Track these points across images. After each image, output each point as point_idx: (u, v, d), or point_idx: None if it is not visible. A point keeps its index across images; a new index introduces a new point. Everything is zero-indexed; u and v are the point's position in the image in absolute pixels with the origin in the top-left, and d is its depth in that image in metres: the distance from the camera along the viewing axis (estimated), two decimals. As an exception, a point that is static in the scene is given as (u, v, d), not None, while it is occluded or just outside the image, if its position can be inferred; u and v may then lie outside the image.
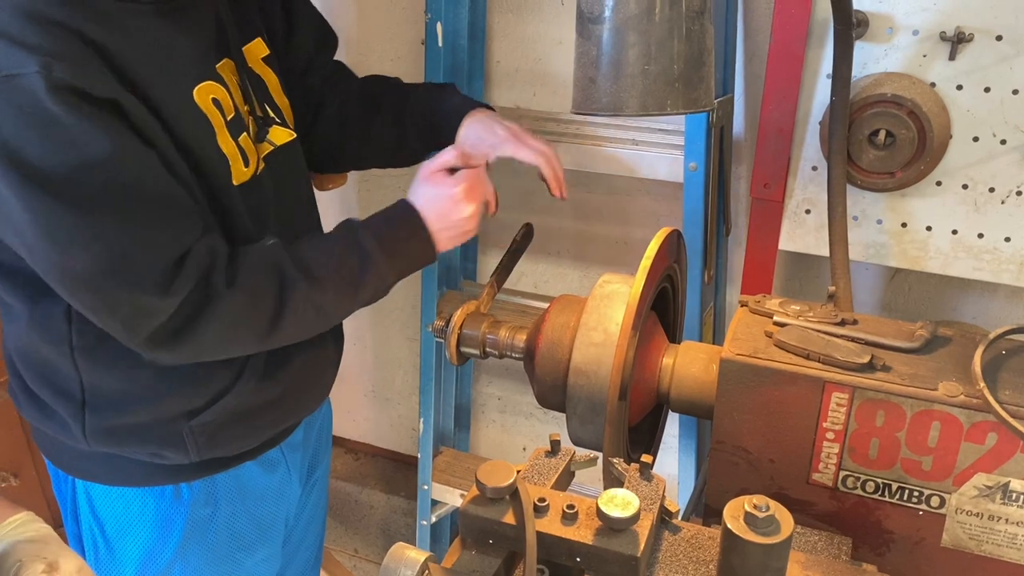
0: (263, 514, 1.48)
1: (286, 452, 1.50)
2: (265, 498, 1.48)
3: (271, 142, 1.31)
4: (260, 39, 1.34)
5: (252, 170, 1.25)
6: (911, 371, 1.05)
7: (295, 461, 1.53)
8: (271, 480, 1.48)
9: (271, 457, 1.47)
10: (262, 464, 1.45)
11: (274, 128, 1.32)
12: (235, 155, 1.22)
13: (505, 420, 2.47)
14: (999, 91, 1.42)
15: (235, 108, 1.24)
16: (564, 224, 2.12)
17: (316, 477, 1.67)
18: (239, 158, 1.23)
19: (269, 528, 1.51)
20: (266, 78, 1.34)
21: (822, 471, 1.09)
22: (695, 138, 1.64)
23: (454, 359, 1.37)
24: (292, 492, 1.55)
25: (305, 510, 1.67)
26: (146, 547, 1.36)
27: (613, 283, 1.23)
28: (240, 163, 1.23)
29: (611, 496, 0.88)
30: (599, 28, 0.91)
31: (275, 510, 1.51)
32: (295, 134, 1.37)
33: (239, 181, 1.23)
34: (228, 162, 1.21)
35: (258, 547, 1.49)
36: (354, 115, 1.51)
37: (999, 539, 1.05)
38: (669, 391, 1.22)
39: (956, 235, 1.53)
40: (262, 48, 1.34)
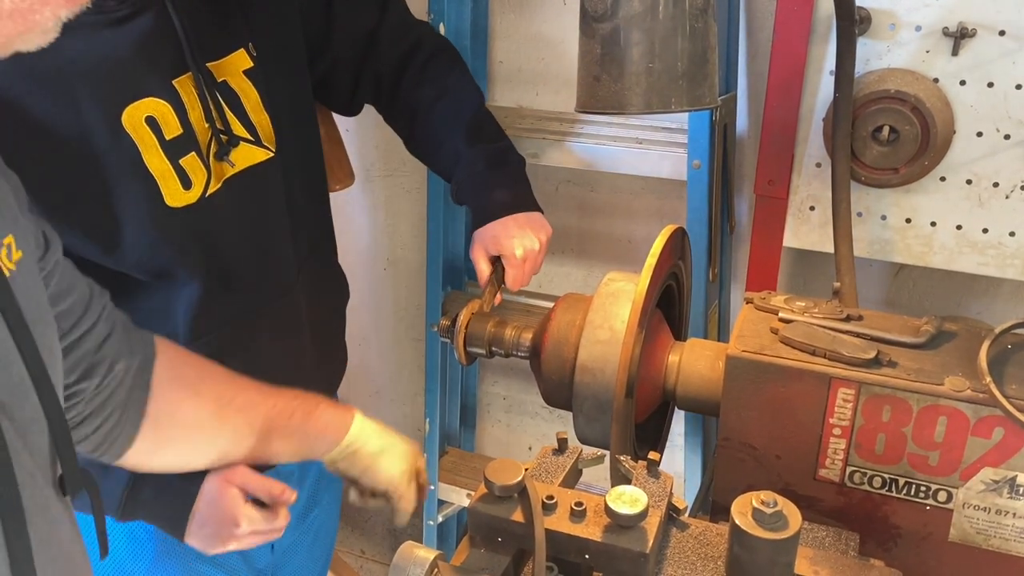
0: None
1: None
2: None
3: (230, 162, 1.23)
4: (243, 50, 1.26)
5: (198, 192, 1.20)
6: (917, 366, 1.05)
7: None
8: None
9: None
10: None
11: (243, 147, 1.25)
12: (167, 176, 1.16)
13: (511, 419, 2.47)
14: (1002, 86, 1.42)
15: (184, 127, 1.18)
16: (568, 223, 2.12)
17: (314, 516, 1.62)
18: (173, 179, 1.17)
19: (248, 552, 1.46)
20: (244, 93, 1.26)
21: (829, 467, 1.09)
22: (699, 136, 1.64)
23: (462, 359, 1.37)
24: None
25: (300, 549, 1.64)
26: (118, 564, 1.34)
27: (618, 281, 1.23)
28: (175, 184, 1.17)
29: (619, 493, 0.88)
30: (603, 26, 0.91)
31: None
32: (272, 153, 1.29)
33: (179, 203, 1.18)
34: (156, 183, 1.15)
35: (238, 568, 1.48)
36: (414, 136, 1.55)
37: (1007, 533, 1.05)
38: (675, 388, 1.22)
39: (960, 230, 1.53)
40: (243, 60, 1.26)
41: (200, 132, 1.20)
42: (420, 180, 2.19)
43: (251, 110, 1.27)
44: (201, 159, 1.20)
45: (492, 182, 1.47)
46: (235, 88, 1.25)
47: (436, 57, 1.52)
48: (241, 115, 1.25)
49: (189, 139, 1.18)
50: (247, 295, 1.29)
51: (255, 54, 1.27)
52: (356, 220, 2.37)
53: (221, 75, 1.23)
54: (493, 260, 1.46)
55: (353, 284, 1.60)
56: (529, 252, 1.42)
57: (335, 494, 1.71)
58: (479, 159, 1.47)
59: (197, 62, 1.18)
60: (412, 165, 2.24)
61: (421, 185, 2.14)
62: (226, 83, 1.24)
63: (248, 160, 1.26)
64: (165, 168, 1.16)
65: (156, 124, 1.15)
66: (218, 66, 1.23)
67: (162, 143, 1.15)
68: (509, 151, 1.51)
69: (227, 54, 1.24)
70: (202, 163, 1.20)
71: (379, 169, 2.30)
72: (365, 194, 2.34)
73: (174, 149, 1.17)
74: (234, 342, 1.30)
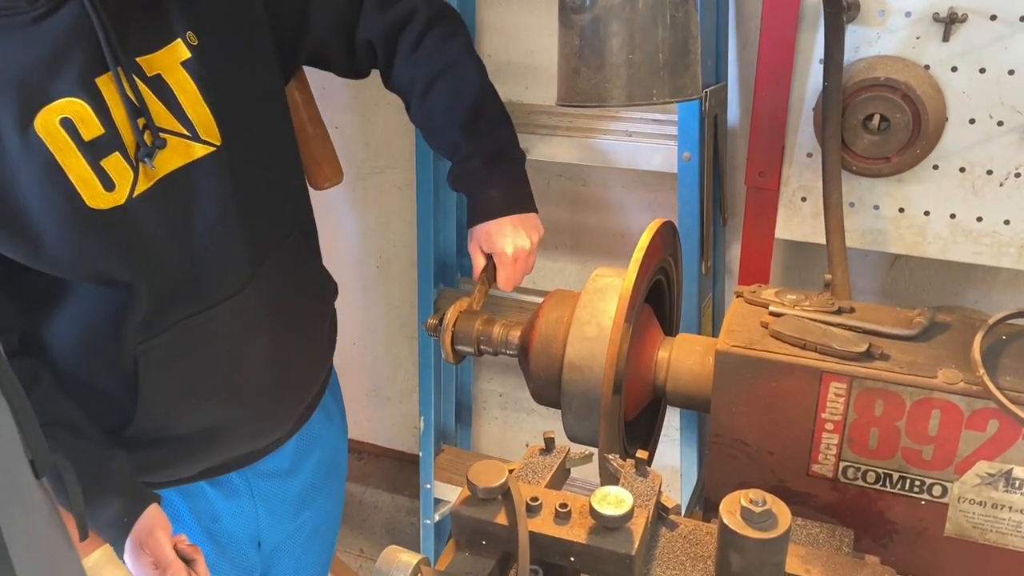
0: (219, 533, 1.47)
1: (250, 478, 1.47)
2: (221, 518, 1.46)
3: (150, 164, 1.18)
4: (179, 41, 1.20)
5: (124, 193, 1.16)
6: (910, 359, 1.03)
7: (263, 489, 1.50)
8: (228, 503, 1.46)
9: (229, 480, 1.45)
10: (216, 486, 1.44)
11: (179, 143, 1.20)
12: (86, 178, 1.13)
13: (507, 416, 2.45)
14: (994, 72, 1.40)
15: (106, 126, 1.14)
16: (561, 218, 2.11)
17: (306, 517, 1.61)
18: (94, 181, 1.14)
19: (227, 546, 1.48)
20: (179, 86, 1.20)
21: (822, 462, 1.08)
22: (689, 128, 1.62)
23: (450, 358, 1.36)
24: (259, 518, 1.52)
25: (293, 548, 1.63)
26: None
27: (606, 276, 1.22)
28: (95, 186, 1.14)
29: (604, 494, 0.87)
30: (581, 17, 0.90)
31: (234, 531, 1.49)
32: (214, 146, 1.23)
33: (102, 205, 1.15)
34: (73, 186, 1.12)
35: (220, 566, 1.47)
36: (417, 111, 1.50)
37: (1003, 527, 1.03)
38: (665, 385, 1.20)
39: (954, 219, 1.51)
40: (180, 51, 1.20)
41: (124, 132, 1.16)
42: (411, 177, 2.18)
43: (188, 104, 1.21)
44: (126, 159, 1.16)
45: (488, 180, 1.44)
46: (170, 82, 1.19)
47: (433, 28, 1.45)
48: (176, 110, 1.20)
49: (112, 139, 1.15)
50: (192, 296, 1.26)
51: (196, 43, 1.21)
52: (347, 218, 2.36)
53: (155, 69, 1.18)
54: (486, 257, 1.45)
55: (345, 283, 1.59)
56: (520, 251, 1.42)
57: (334, 496, 1.70)
58: (477, 154, 1.44)
59: (118, 58, 1.13)
60: (403, 161, 2.23)
61: (412, 182, 2.12)
62: (160, 77, 1.19)
63: (185, 157, 1.21)
64: (84, 170, 1.13)
65: (73, 125, 1.11)
66: (151, 60, 1.18)
67: (80, 145, 1.12)
68: (508, 145, 1.48)
69: (162, 46, 1.19)
70: (127, 163, 1.16)
71: (369, 166, 2.28)
72: (356, 192, 2.33)
73: (94, 150, 1.13)
74: (184, 345, 1.27)
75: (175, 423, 1.33)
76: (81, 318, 1.23)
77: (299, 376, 1.48)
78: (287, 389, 1.45)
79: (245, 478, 1.47)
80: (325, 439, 1.61)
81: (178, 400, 1.31)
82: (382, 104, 2.19)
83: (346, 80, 1.55)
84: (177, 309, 1.25)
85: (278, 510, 1.54)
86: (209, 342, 1.29)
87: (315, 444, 1.58)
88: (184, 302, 1.25)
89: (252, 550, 1.53)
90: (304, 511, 1.60)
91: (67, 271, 1.18)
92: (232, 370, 1.34)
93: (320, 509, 1.65)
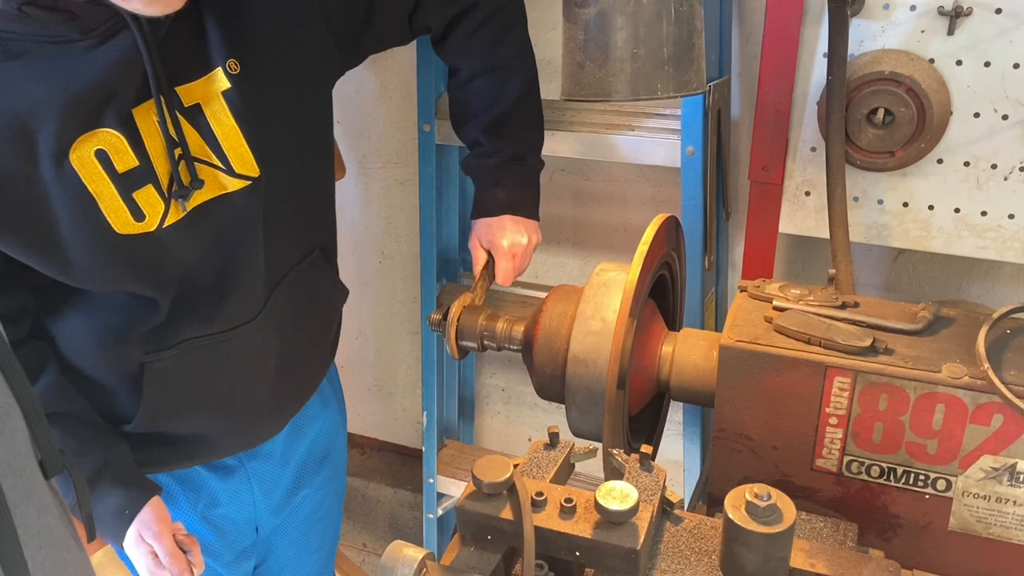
0: (216, 517, 1.48)
1: (244, 460, 1.48)
2: (219, 503, 1.47)
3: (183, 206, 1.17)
4: (220, 70, 1.16)
5: (153, 223, 1.16)
6: (914, 353, 1.03)
7: (258, 470, 1.51)
8: (224, 486, 1.47)
9: (225, 464, 1.46)
10: (212, 469, 1.45)
11: (214, 175, 1.19)
12: (117, 209, 1.13)
13: (510, 411, 2.45)
14: (999, 65, 1.39)
15: (140, 159, 1.13)
16: (563, 213, 2.10)
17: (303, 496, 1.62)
18: (124, 212, 1.14)
19: (226, 531, 1.49)
20: (216, 119, 1.17)
21: (826, 457, 1.08)
22: (692, 122, 1.62)
23: (455, 353, 1.36)
24: (255, 502, 1.53)
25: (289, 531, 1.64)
26: None
27: (610, 271, 1.21)
28: (125, 216, 1.14)
29: (609, 489, 0.87)
30: (585, 12, 0.89)
31: (232, 515, 1.50)
32: (250, 179, 1.21)
33: (130, 231, 1.15)
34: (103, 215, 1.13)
35: (218, 550, 1.49)
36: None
37: (1007, 521, 1.03)
38: (669, 379, 1.20)
39: (959, 213, 1.51)
40: (220, 81, 1.16)
41: (159, 163, 1.15)
42: (413, 172, 2.17)
43: (224, 137, 1.18)
44: (159, 191, 1.15)
45: (499, 179, 1.46)
46: (208, 113, 1.17)
47: (489, 23, 1.42)
48: (212, 143, 1.18)
49: (146, 172, 1.14)
50: (207, 319, 1.26)
51: (237, 71, 1.17)
52: (350, 213, 2.35)
53: (193, 98, 1.16)
54: (486, 253, 1.47)
55: (348, 278, 1.58)
56: (516, 246, 1.44)
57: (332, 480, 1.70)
58: (494, 154, 1.46)
59: (161, 87, 1.11)
60: (405, 156, 2.23)
61: (414, 177, 2.12)
62: (199, 107, 1.16)
63: (218, 189, 1.20)
64: (115, 201, 1.13)
65: (107, 157, 1.11)
66: (190, 89, 1.16)
67: (113, 177, 1.12)
68: (529, 150, 1.49)
69: (201, 75, 1.16)
70: (159, 196, 1.16)
71: (372, 161, 2.28)
72: (358, 187, 2.33)
73: (127, 182, 1.13)
74: (192, 362, 1.28)
75: (174, 426, 1.35)
76: (96, 318, 1.24)
77: (299, 386, 1.49)
78: (287, 399, 1.47)
79: (240, 461, 1.48)
80: (320, 422, 1.62)
81: (179, 408, 1.33)
82: (384, 99, 2.19)
83: (348, 75, 1.54)
84: (189, 328, 1.26)
85: (273, 491, 1.55)
86: (217, 362, 1.30)
87: (309, 426, 1.59)
88: (198, 324, 1.26)
89: (250, 533, 1.54)
90: (299, 492, 1.61)
91: (94, 287, 1.20)
92: (237, 387, 1.35)
93: (317, 491, 1.65)
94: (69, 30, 1.06)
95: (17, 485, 0.73)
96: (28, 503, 0.75)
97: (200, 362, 1.29)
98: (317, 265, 1.41)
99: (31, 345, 1.24)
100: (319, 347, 1.51)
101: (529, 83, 1.48)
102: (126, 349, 1.24)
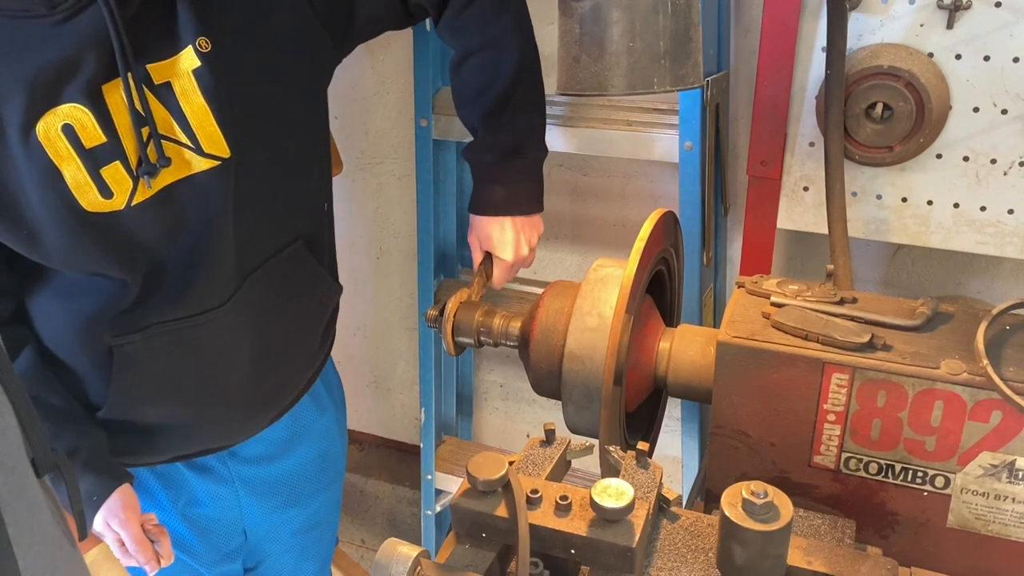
0: (197, 517, 1.47)
1: (229, 463, 1.47)
2: (200, 502, 1.46)
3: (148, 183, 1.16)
4: (190, 48, 1.14)
5: (122, 201, 1.15)
6: (912, 349, 1.02)
7: (244, 475, 1.50)
8: (206, 486, 1.46)
9: (205, 463, 1.45)
10: (193, 468, 1.44)
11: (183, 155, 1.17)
12: (83, 185, 1.12)
13: (508, 407, 2.45)
14: (999, 59, 1.39)
15: (108, 135, 1.12)
16: (561, 209, 2.10)
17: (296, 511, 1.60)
18: (91, 188, 1.13)
19: (208, 531, 1.48)
20: (186, 99, 1.15)
21: (824, 454, 1.07)
22: (690, 117, 1.61)
23: (451, 349, 1.35)
24: (241, 504, 1.52)
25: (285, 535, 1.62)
26: None
27: (607, 267, 1.21)
28: (93, 193, 1.13)
29: (604, 486, 0.86)
30: (581, 5, 0.88)
31: (214, 515, 1.49)
32: (220, 160, 1.19)
33: (98, 209, 1.14)
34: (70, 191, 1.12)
35: (198, 550, 1.48)
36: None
37: (1006, 519, 1.02)
38: (666, 376, 1.19)
39: (958, 208, 1.50)
40: (191, 59, 1.15)
41: (127, 141, 1.14)
42: (410, 167, 2.17)
43: (193, 116, 1.16)
44: (127, 169, 1.15)
45: (498, 176, 1.43)
46: (177, 91, 1.15)
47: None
48: (181, 121, 1.16)
49: (113, 149, 1.13)
50: (175, 303, 1.25)
51: (208, 49, 1.15)
52: (346, 209, 2.35)
53: (164, 76, 1.14)
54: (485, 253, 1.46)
55: (345, 274, 1.57)
56: (519, 259, 1.44)
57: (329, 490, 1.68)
58: (493, 148, 1.42)
59: (129, 65, 1.10)
60: (402, 152, 2.22)
61: (412, 172, 2.11)
62: (169, 85, 1.15)
63: (187, 169, 1.18)
64: (82, 177, 1.12)
65: (74, 132, 1.10)
66: (160, 67, 1.14)
67: (80, 152, 1.11)
68: (528, 140, 1.44)
69: (172, 53, 1.14)
70: (127, 173, 1.15)
71: (369, 156, 2.27)
72: (355, 182, 2.32)
73: (94, 158, 1.12)
74: (160, 347, 1.27)
75: (146, 414, 1.33)
76: (69, 301, 1.24)
77: (282, 381, 1.46)
78: (267, 394, 1.44)
79: (223, 462, 1.47)
80: (316, 431, 1.59)
81: (150, 394, 1.31)
82: (381, 94, 2.18)
83: (344, 70, 1.53)
84: (158, 312, 1.24)
85: (263, 497, 1.53)
86: (186, 348, 1.28)
87: (304, 435, 1.56)
88: (166, 307, 1.25)
89: (235, 536, 1.53)
90: (294, 502, 1.59)
91: (62, 265, 1.19)
92: (208, 376, 1.33)
93: (313, 497, 1.63)
94: (36, 4, 1.05)
95: (8, 482, 0.73)
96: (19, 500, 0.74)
97: (169, 347, 1.27)
98: (299, 256, 1.37)
99: (11, 327, 1.24)
100: (303, 343, 1.47)
101: (526, 62, 1.40)
102: (97, 333, 1.24)
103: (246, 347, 1.34)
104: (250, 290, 1.30)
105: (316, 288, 1.45)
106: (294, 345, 1.45)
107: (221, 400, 1.37)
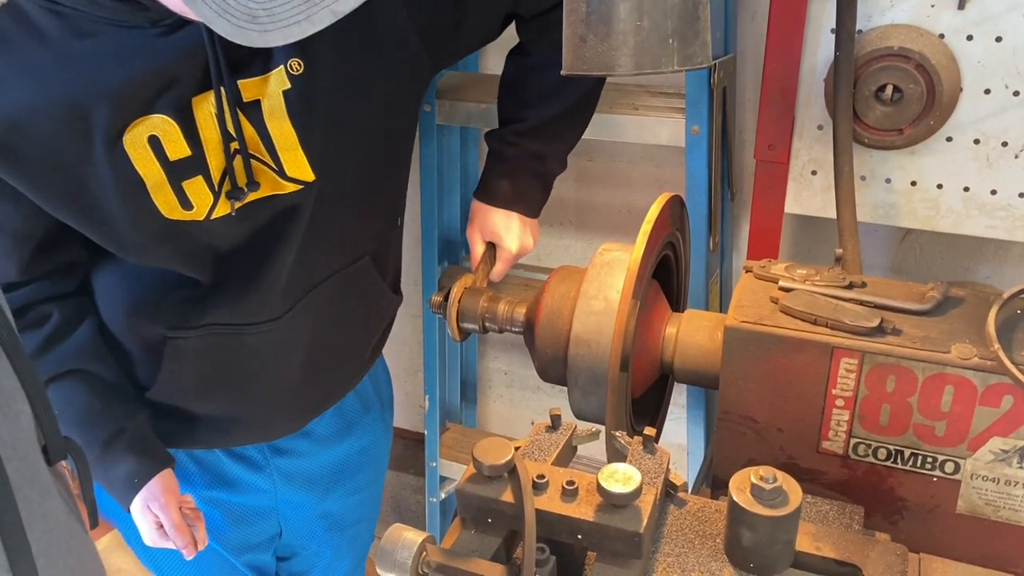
0: (230, 504, 1.47)
1: (268, 454, 1.48)
2: (235, 490, 1.47)
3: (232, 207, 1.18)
4: (282, 68, 1.14)
5: (201, 214, 1.16)
6: (922, 334, 1.01)
7: (283, 467, 1.50)
8: (243, 476, 1.47)
9: (245, 453, 1.46)
10: (232, 456, 1.45)
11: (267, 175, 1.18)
12: (166, 195, 1.14)
13: (512, 394, 2.44)
14: (1011, 40, 1.37)
15: (193, 148, 1.13)
16: (567, 194, 2.08)
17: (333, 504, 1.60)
18: (172, 199, 1.15)
19: (241, 518, 1.49)
20: (274, 121, 1.15)
21: (832, 439, 1.06)
22: (697, 100, 1.59)
23: (456, 335, 1.35)
24: (278, 497, 1.52)
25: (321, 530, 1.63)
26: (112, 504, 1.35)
27: (613, 251, 1.20)
28: (173, 203, 1.15)
29: (612, 471, 0.85)
30: (588, -17, 0.87)
31: (248, 504, 1.49)
32: (303, 184, 1.19)
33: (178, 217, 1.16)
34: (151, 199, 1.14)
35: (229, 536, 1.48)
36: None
37: (1016, 504, 1.02)
38: (673, 361, 1.19)
39: (968, 192, 1.48)
40: (281, 81, 1.14)
41: (212, 157, 1.14)
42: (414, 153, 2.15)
43: (279, 139, 1.16)
44: (208, 184, 1.15)
45: (513, 172, 1.44)
46: (265, 111, 1.15)
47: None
48: (267, 141, 1.16)
49: (197, 162, 1.14)
50: (233, 310, 1.26)
51: (300, 71, 1.14)
52: (351, 195, 2.33)
53: (254, 94, 1.14)
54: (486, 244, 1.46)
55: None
56: (523, 252, 1.45)
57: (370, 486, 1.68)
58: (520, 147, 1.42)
59: (223, 79, 1.10)
60: (406, 138, 2.20)
61: (415, 158, 2.09)
62: (258, 103, 1.15)
63: (269, 189, 1.19)
64: (164, 188, 1.14)
65: (159, 144, 1.11)
66: (251, 84, 1.14)
67: (164, 163, 1.13)
68: (555, 156, 1.45)
69: (263, 72, 1.14)
70: (208, 188, 1.16)
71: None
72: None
73: (177, 171, 1.14)
74: (213, 347, 1.28)
75: (189, 404, 1.35)
76: (134, 286, 1.26)
77: (330, 389, 1.48)
78: (313, 399, 1.46)
79: (262, 452, 1.47)
80: (359, 428, 1.60)
81: (196, 388, 1.33)
82: (385, 79, 2.16)
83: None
84: (215, 314, 1.26)
85: (300, 490, 1.54)
86: (238, 352, 1.30)
87: (347, 431, 1.57)
88: (223, 311, 1.26)
89: (269, 527, 1.54)
90: (332, 497, 1.60)
91: (134, 258, 1.22)
92: (256, 379, 1.34)
93: (351, 498, 1.64)
94: (139, 19, 1.06)
95: (21, 468, 0.73)
96: (32, 486, 0.75)
97: (221, 348, 1.28)
98: (364, 271, 1.38)
99: (77, 299, 1.27)
100: (355, 352, 1.49)
101: (596, 92, 1.44)
102: (153, 322, 1.26)
103: (298, 356, 1.35)
104: (310, 303, 1.32)
105: (376, 302, 1.46)
106: (346, 355, 1.47)
107: (266, 402, 1.38)
